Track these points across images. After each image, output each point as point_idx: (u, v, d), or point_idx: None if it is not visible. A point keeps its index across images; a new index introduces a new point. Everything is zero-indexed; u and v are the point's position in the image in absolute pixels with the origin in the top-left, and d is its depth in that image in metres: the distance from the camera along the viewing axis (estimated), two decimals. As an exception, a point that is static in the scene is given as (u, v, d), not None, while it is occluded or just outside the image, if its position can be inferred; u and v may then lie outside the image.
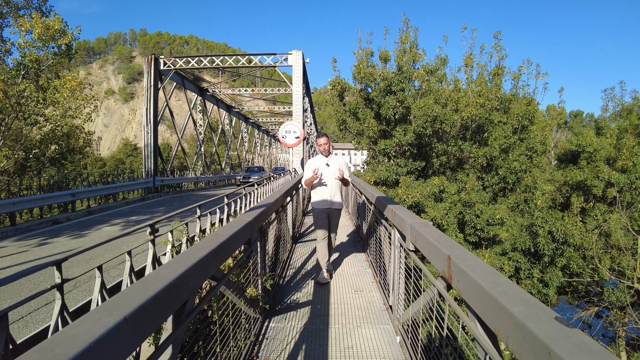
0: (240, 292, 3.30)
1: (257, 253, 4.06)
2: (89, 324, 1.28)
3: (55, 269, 2.17)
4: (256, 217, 3.82)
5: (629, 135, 14.53)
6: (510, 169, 12.30)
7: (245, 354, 3.35)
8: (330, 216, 5.46)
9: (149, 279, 1.79)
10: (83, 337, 1.19)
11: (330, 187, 5.39)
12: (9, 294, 5.36)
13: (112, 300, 1.50)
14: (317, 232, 5.48)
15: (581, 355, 1.13)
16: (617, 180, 12.94)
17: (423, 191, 11.53)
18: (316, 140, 5.44)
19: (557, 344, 1.20)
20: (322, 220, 5.40)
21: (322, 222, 5.40)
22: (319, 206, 5.42)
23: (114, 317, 1.33)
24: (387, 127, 13.72)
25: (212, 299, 2.62)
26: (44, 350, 1.12)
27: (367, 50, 14.05)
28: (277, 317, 4.29)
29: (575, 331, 1.32)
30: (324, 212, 5.40)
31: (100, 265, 2.54)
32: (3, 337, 1.89)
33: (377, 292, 5.13)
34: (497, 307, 1.58)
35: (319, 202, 5.42)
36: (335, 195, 5.44)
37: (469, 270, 1.97)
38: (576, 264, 10.81)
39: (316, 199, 5.46)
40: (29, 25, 15.42)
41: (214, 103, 29.38)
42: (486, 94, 13.23)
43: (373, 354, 3.54)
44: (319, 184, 5.39)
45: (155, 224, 3.28)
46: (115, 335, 1.28)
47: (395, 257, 4.10)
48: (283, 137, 13.72)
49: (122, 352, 1.35)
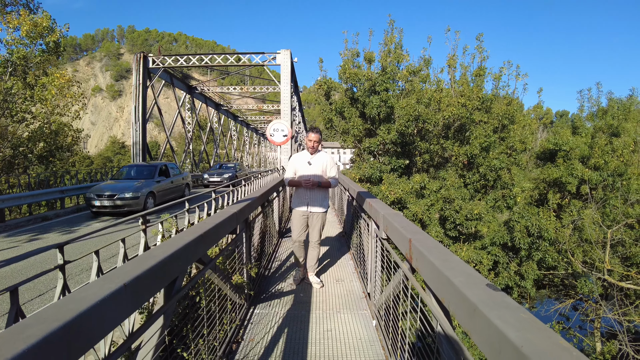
0: (226, 279, 3.55)
1: (242, 243, 4.31)
2: (94, 288, 1.54)
3: (58, 252, 2.40)
4: (242, 209, 4.08)
5: (600, 134, 15.14)
6: (491, 167, 12.75)
7: (230, 336, 3.60)
8: (310, 219, 5.08)
9: (143, 256, 2.05)
10: (91, 298, 1.44)
11: (310, 188, 4.98)
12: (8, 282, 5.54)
13: (113, 271, 1.77)
14: (292, 232, 5.23)
15: (497, 310, 1.42)
16: (589, 177, 13.44)
17: (405, 188, 11.93)
18: (307, 134, 5.07)
19: (482, 303, 1.49)
20: (297, 222, 5.10)
21: (296, 224, 5.11)
22: (296, 206, 5.12)
23: (115, 284, 1.59)
24: (371, 126, 14.07)
25: (199, 281, 2.87)
26: (58, 306, 1.37)
27: (353, 50, 14.40)
28: (262, 305, 4.55)
29: (500, 294, 1.62)
30: (301, 213, 5.06)
31: (97, 250, 2.78)
32: (14, 309, 2.13)
33: (357, 281, 5.43)
34: (445, 280, 1.86)
35: (296, 202, 5.11)
36: (315, 197, 5.01)
37: (425, 251, 2.26)
38: (551, 257, 11.34)
39: (295, 199, 5.16)
40: (17, 22, 15.33)
41: (202, 101, 29.41)
42: (468, 94, 13.68)
43: (350, 336, 3.82)
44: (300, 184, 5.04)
45: (147, 215, 3.52)
46: (116, 298, 1.54)
47: (372, 247, 4.40)
48: (271, 135, 13.92)
49: (122, 313, 1.62)
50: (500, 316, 1.34)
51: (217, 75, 33.16)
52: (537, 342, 1.15)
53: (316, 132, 4.98)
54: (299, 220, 5.07)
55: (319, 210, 5.05)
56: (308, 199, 5.00)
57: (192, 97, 27.27)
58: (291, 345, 3.61)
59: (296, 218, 5.12)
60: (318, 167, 4.96)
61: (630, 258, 11.59)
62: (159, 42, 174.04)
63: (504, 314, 1.35)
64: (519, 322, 1.29)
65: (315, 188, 4.96)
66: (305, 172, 4.95)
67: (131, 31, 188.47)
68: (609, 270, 10.73)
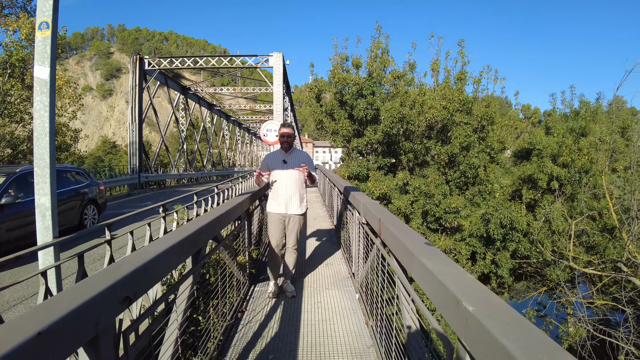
0: (233, 257, 4.27)
1: (244, 229, 5.04)
2: (155, 246, 2.26)
3: (106, 229, 3.12)
4: (244, 200, 4.79)
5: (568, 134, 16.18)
6: (470, 165, 13.64)
7: (236, 306, 4.32)
8: (287, 222, 4.64)
9: (182, 228, 2.78)
10: (154, 250, 2.16)
11: (287, 189, 4.55)
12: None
13: (165, 236, 2.50)
14: (270, 238, 4.77)
15: (427, 255, 2.15)
16: (558, 174, 14.43)
17: (390, 184, 12.78)
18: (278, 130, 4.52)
19: (418, 252, 2.22)
20: (274, 226, 4.66)
21: (274, 228, 4.66)
22: (272, 209, 4.66)
23: (170, 243, 2.32)
24: (359, 127, 14.89)
25: (212, 257, 3.59)
26: (135, 255, 2.08)
27: (342, 55, 15.27)
28: (261, 283, 5.28)
29: (433, 248, 2.36)
30: (277, 216, 4.63)
31: (132, 231, 3.48)
32: (80, 271, 2.85)
33: (344, 265, 6.18)
34: (401, 245, 2.60)
35: (272, 204, 4.67)
36: (293, 198, 4.59)
37: (390, 226, 3.01)
38: (524, 247, 12.31)
39: (270, 201, 4.71)
40: (16, 25, 15.76)
41: (195, 101, 29.99)
42: (450, 97, 14.57)
43: (337, 306, 4.56)
44: (273, 184, 4.67)
45: (166, 204, 4.23)
46: (170, 252, 2.27)
47: (355, 232, 5.14)
48: (264, 135, 14.55)
49: (172, 263, 2.35)
50: (430, 258, 2.07)
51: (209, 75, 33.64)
52: (448, 269, 1.87)
53: (287, 127, 4.59)
54: (276, 224, 4.64)
55: (298, 212, 4.63)
56: (285, 199, 4.57)
57: (186, 97, 27.82)
58: (287, 313, 4.33)
59: (273, 222, 4.67)
60: (295, 165, 4.54)
61: (594, 247, 12.60)
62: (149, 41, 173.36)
63: (432, 257, 2.09)
64: (440, 260, 2.02)
65: (294, 187, 4.58)
66: (280, 172, 4.57)
67: (121, 30, 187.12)
68: (574, 258, 11.67)
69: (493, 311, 1.31)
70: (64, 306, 1.31)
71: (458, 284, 1.58)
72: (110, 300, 1.57)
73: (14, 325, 1.15)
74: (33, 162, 2.52)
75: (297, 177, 4.58)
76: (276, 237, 4.66)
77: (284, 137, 4.53)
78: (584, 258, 11.60)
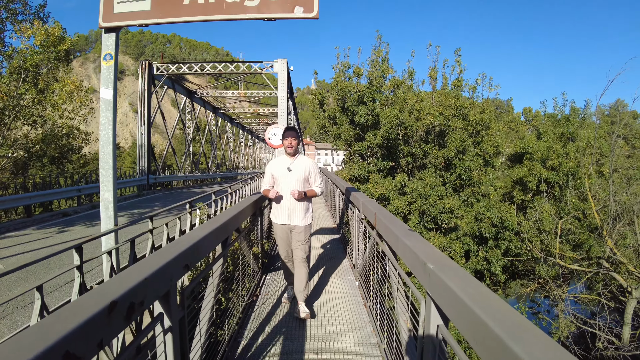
0: (249, 248, 4.94)
1: (258, 224, 5.71)
2: (199, 231, 2.92)
3: (149, 220, 3.76)
4: (257, 200, 5.46)
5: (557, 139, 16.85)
6: (465, 168, 14.31)
7: (251, 290, 4.98)
8: (292, 233, 4.37)
9: (214, 219, 3.45)
10: (198, 234, 2.81)
11: (291, 199, 4.26)
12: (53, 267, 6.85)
13: (205, 223, 3.15)
14: (279, 249, 4.65)
15: (408, 237, 2.80)
16: (546, 176, 15.10)
17: (388, 186, 13.49)
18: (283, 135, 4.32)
19: (402, 235, 2.87)
20: (278, 237, 4.50)
21: (278, 239, 4.51)
22: (276, 219, 4.42)
23: (213, 226, 2.98)
24: (360, 131, 15.60)
25: (235, 244, 4.26)
26: (188, 236, 2.74)
27: (345, 63, 16.01)
28: (272, 273, 5.94)
29: (413, 233, 3.01)
30: (282, 226, 4.39)
31: (167, 223, 4.13)
32: (132, 253, 3.50)
33: (346, 259, 6.84)
34: (393, 235, 3.25)
35: (276, 214, 4.42)
36: (297, 208, 4.30)
37: (383, 218, 3.67)
38: (514, 245, 13.00)
39: (274, 209, 4.47)
40: (31, 32, 16.39)
41: (201, 105, 30.71)
42: (447, 103, 15.26)
43: (339, 292, 5.21)
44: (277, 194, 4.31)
45: (193, 202, 4.89)
46: (210, 236, 2.93)
47: (355, 227, 5.80)
48: (269, 138, 15.19)
49: (210, 245, 3.02)
50: (409, 239, 2.72)
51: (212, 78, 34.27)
52: (420, 245, 2.52)
53: (292, 131, 4.32)
54: (282, 234, 4.44)
55: (302, 224, 4.33)
56: (289, 209, 4.31)
57: (192, 101, 28.53)
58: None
59: (277, 233, 4.50)
60: (299, 173, 4.28)
61: (581, 245, 13.27)
62: (152, 44, 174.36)
63: (411, 238, 2.74)
64: (416, 239, 2.67)
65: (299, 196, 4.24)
66: (284, 180, 4.29)
67: (125, 32, 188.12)
68: (562, 256, 12.31)
69: (446, 268, 1.96)
70: (152, 266, 1.95)
71: (426, 253, 2.24)
72: (177, 265, 2.22)
73: (124, 276, 1.79)
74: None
75: (302, 187, 4.27)
76: (282, 247, 4.52)
77: (289, 142, 4.21)
78: (570, 255, 12.27)
